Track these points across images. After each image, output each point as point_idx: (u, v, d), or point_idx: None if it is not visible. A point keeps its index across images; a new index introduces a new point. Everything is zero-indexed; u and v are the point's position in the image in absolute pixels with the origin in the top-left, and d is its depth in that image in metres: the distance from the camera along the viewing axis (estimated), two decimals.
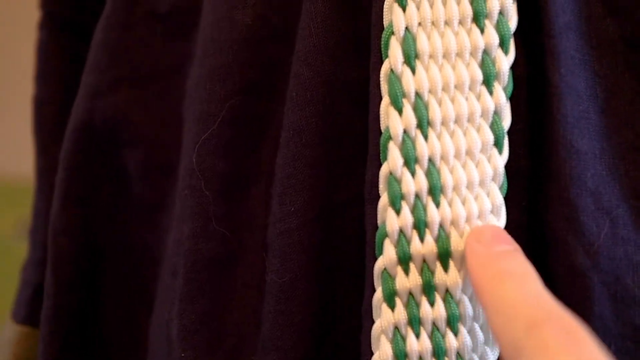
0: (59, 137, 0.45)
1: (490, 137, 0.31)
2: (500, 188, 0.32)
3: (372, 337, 0.32)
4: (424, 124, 0.31)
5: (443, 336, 0.31)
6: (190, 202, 0.36)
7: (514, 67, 0.32)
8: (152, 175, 0.41)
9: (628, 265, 0.32)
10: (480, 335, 0.31)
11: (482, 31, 0.32)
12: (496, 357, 0.32)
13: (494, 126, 0.32)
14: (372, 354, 0.32)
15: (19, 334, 0.48)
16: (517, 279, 0.27)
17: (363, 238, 0.34)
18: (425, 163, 0.31)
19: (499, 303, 0.26)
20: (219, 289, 0.36)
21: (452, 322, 0.31)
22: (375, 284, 0.32)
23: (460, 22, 0.32)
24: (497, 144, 0.32)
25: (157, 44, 0.41)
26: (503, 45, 0.32)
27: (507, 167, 0.32)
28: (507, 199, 0.32)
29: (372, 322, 0.32)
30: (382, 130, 0.32)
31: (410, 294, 0.31)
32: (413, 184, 0.31)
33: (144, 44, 0.41)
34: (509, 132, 0.32)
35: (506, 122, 0.32)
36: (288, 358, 0.34)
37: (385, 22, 0.32)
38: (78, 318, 0.42)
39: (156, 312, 0.40)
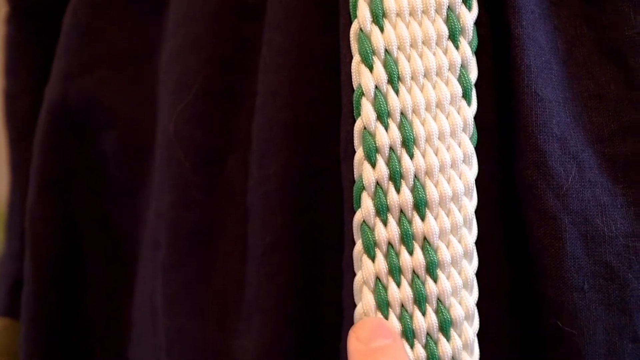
0: (31, 130, 0.45)
1: (458, 89, 0.33)
2: (471, 138, 0.33)
3: (354, 289, 0.33)
4: (394, 79, 0.32)
5: (423, 283, 0.32)
6: (169, 173, 0.37)
7: (478, 25, 0.34)
8: (129, 157, 0.41)
9: (596, 206, 0.33)
10: (458, 280, 0.32)
11: None
12: (475, 300, 0.33)
13: (462, 79, 0.33)
14: (355, 306, 0.33)
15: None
16: None
17: (342, 201, 0.35)
18: (398, 116, 0.32)
19: None
20: (201, 257, 0.37)
21: (431, 269, 0.32)
22: (354, 236, 0.33)
23: None
24: (466, 96, 0.33)
25: (129, 25, 0.41)
26: (466, 2, 0.33)
27: (477, 120, 0.33)
28: (478, 151, 0.33)
29: (354, 275, 0.33)
30: (355, 88, 0.33)
31: (390, 244, 0.32)
32: (387, 137, 0.32)
33: (116, 25, 0.41)
34: (477, 87, 0.33)
35: (473, 74, 0.33)
36: (272, 319, 0.35)
37: None
38: (59, 303, 0.42)
39: (139, 289, 0.41)
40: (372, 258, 0.32)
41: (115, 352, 0.42)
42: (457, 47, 0.33)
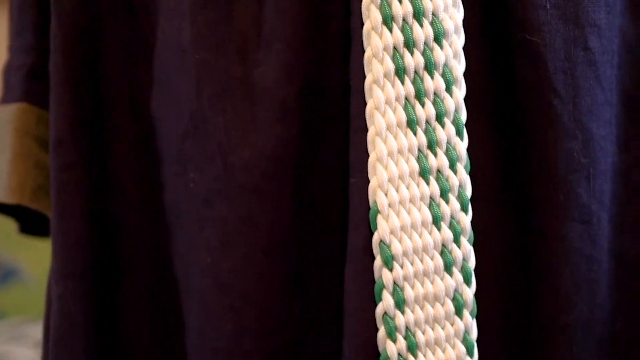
0: None
1: None
2: None
3: (362, 7, 0.39)
4: None
5: (431, 50, 0.39)
6: None
7: None
8: None
9: None
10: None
11: None
12: (461, 17, 0.40)
13: None
14: (363, 24, 0.39)
15: (17, 111, 0.52)
16: None
17: None
18: None
19: None
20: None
21: (438, 38, 0.39)
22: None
23: None
24: None
25: None
26: None
27: None
28: None
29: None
30: None
31: (404, 19, 0.39)
32: None
33: None
34: None
35: None
36: (288, 50, 0.41)
37: None
38: (83, 92, 0.46)
39: (161, 41, 0.46)
40: (390, 30, 0.39)
41: (135, 107, 0.47)
42: None
